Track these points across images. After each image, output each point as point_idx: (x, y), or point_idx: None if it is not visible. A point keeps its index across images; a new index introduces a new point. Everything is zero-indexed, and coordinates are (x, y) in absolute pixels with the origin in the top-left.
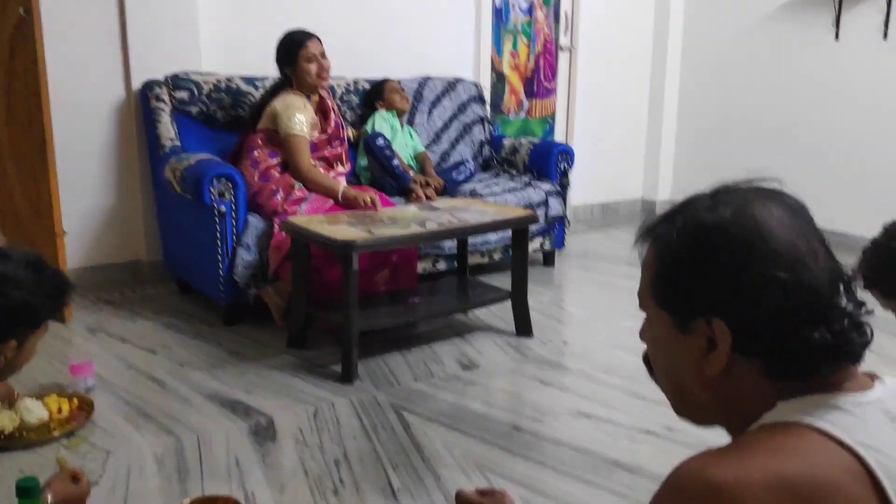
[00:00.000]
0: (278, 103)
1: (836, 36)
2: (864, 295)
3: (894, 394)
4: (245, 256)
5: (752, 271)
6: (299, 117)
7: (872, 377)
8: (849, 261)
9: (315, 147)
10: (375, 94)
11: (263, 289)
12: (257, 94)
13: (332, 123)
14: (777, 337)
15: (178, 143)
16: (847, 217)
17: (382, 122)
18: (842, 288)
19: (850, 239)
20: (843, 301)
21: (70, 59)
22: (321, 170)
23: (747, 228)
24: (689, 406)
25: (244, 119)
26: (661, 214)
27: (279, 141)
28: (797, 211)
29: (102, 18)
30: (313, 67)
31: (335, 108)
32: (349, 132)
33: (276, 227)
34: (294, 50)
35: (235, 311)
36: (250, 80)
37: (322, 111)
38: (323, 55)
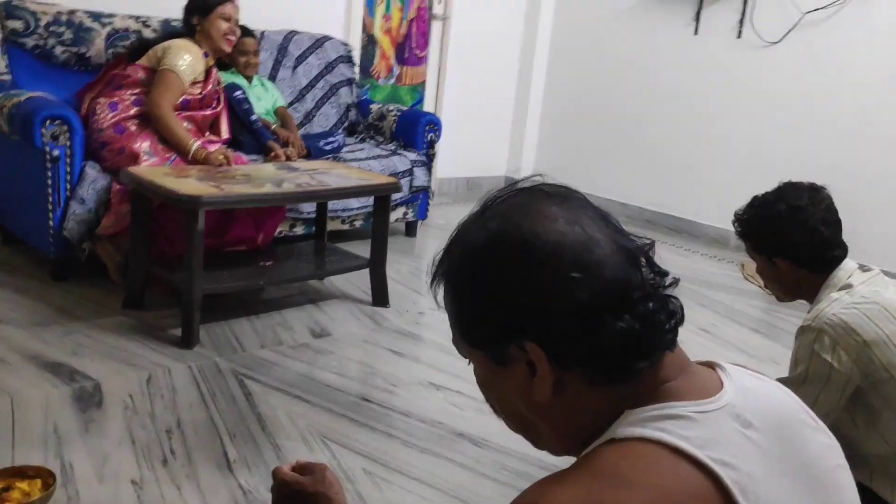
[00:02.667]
0: (173, 42)
1: (696, 31)
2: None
3: (743, 392)
4: (77, 210)
5: (537, 278)
6: (187, 58)
7: (714, 366)
8: (692, 246)
9: (186, 104)
10: None
11: (100, 242)
12: (104, 32)
13: (210, 86)
14: (586, 339)
15: (8, 77)
16: (692, 204)
17: (227, 79)
18: (641, 262)
19: (693, 225)
20: (643, 276)
21: None
22: (179, 120)
23: (518, 235)
24: (540, 439)
25: (91, 57)
26: (443, 248)
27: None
28: (565, 199)
29: None
30: (224, 26)
31: (219, 78)
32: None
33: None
34: (214, 2)
35: (66, 265)
36: (97, 16)
37: (206, 76)
38: (237, 22)
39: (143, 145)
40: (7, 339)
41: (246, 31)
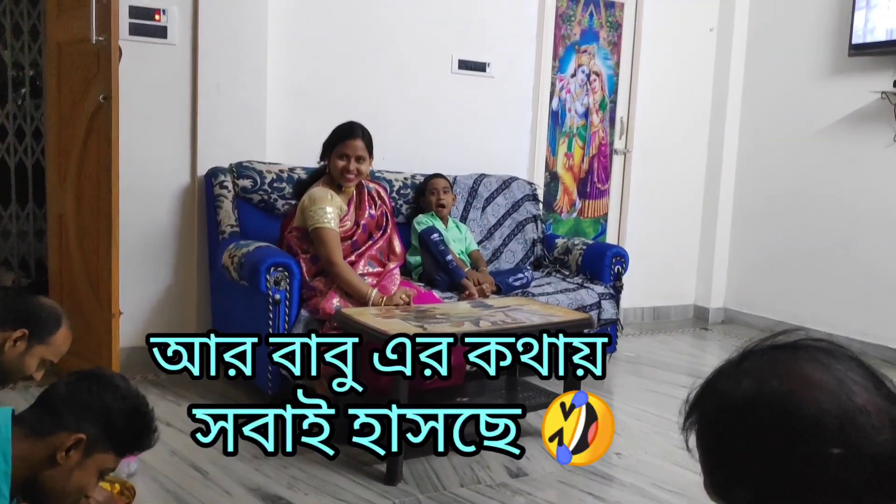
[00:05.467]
0: (306, 198)
1: None
2: None
3: None
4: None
5: (793, 451)
6: (326, 209)
7: None
8: None
9: (356, 245)
10: (419, 193)
11: (315, 379)
12: None
13: (366, 213)
14: None
15: (237, 229)
16: None
17: (426, 222)
18: None
19: None
20: None
21: (142, 145)
22: (352, 269)
23: (776, 402)
24: None
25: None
26: (696, 393)
27: (310, 239)
28: (831, 358)
29: (176, 109)
30: (340, 164)
31: (374, 199)
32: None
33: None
34: (333, 143)
35: (281, 399)
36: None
37: (357, 202)
38: (359, 158)
39: (335, 302)
40: (231, 471)
41: (435, 174)
